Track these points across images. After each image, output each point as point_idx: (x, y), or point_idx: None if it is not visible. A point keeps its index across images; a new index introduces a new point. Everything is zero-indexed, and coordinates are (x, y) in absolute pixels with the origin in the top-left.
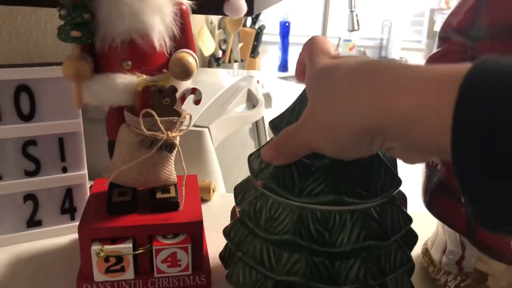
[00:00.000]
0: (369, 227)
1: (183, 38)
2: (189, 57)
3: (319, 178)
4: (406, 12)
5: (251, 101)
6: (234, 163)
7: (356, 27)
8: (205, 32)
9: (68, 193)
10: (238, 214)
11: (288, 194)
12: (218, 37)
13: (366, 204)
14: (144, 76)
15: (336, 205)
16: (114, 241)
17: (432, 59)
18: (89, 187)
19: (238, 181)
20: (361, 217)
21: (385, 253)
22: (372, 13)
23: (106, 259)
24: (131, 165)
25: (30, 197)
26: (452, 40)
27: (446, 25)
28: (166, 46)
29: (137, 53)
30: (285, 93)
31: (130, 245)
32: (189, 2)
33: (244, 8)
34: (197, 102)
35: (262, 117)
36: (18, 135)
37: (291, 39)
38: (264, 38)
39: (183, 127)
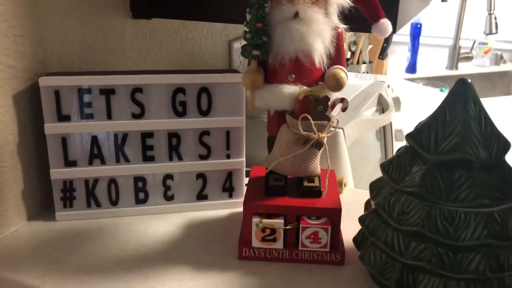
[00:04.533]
0: (491, 228)
1: (337, 56)
2: (342, 73)
3: (463, 185)
4: None
5: (381, 105)
6: (361, 162)
7: (494, 30)
8: None
9: (229, 175)
10: (373, 206)
11: (437, 200)
12: (348, 39)
13: (492, 208)
14: (304, 87)
15: (479, 207)
16: (269, 216)
17: None
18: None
19: (364, 178)
20: (485, 218)
21: (505, 252)
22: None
23: (263, 230)
24: (287, 158)
25: (201, 175)
26: None
27: None
28: (323, 63)
29: (300, 68)
30: (412, 95)
31: (282, 221)
32: (344, 26)
33: (390, 29)
34: (344, 109)
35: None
36: (197, 126)
37: (421, 40)
38: (393, 38)
39: (331, 130)
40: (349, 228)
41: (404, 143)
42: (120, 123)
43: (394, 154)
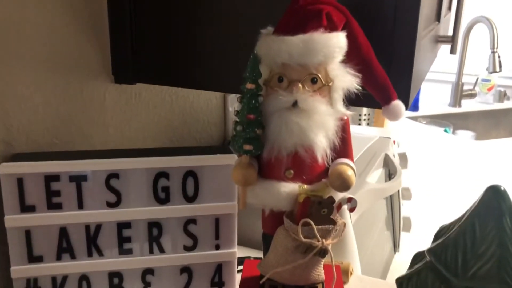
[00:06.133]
0: None
1: (343, 148)
2: (349, 170)
3: None
4: None
5: (388, 166)
6: (367, 232)
7: (497, 69)
8: None
9: (218, 269)
10: None
11: None
12: None
13: None
14: (305, 187)
15: None
16: None
17: None
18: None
19: (370, 247)
20: None
21: None
22: None
23: None
24: (286, 268)
25: (186, 269)
26: None
27: None
28: (326, 157)
29: (300, 164)
30: (415, 137)
31: None
32: (351, 113)
33: (403, 112)
34: (351, 209)
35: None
36: (182, 214)
37: None
38: None
39: (337, 234)
40: None
41: (411, 202)
42: (93, 213)
43: (410, 263)
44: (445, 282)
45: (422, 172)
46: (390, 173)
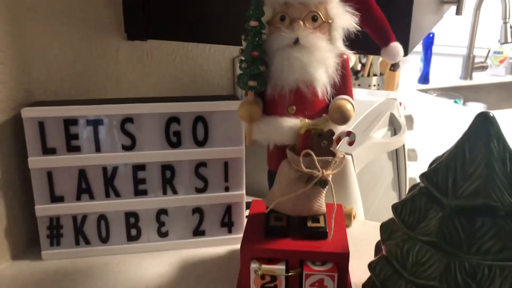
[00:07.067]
0: None
1: (343, 85)
2: (348, 104)
3: (486, 235)
4: None
5: (393, 125)
6: (372, 185)
7: (509, 40)
8: None
9: (228, 209)
10: (384, 252)
11: (457, 251)
12: None
13: None
14: (306, 120)
15: (506, 260)
16: (269, 261)
17: None
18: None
19: (375, 203)
20: None
21: None
22: None
23: (262, 276)
24: (289, 197)
25: (197, 210)
26: None
27: None
28: (327, 93)
29: (302, 99)
30: (425, 108)
31: (284, 267)
32: (350, 52)
33: (401, 53)
34: (350, 143)
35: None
36: (193, 157)
37: (434, 49)
38: None
39: (337, 166)
40: (358, 268)
41: (417, 163)
42: (110, 155)
43: (407, 193)
44: (436, 202)
45: (429, 137)
46: (396, 132)
